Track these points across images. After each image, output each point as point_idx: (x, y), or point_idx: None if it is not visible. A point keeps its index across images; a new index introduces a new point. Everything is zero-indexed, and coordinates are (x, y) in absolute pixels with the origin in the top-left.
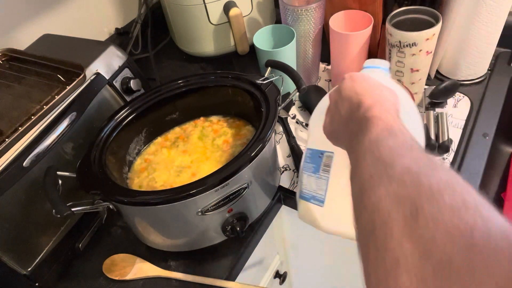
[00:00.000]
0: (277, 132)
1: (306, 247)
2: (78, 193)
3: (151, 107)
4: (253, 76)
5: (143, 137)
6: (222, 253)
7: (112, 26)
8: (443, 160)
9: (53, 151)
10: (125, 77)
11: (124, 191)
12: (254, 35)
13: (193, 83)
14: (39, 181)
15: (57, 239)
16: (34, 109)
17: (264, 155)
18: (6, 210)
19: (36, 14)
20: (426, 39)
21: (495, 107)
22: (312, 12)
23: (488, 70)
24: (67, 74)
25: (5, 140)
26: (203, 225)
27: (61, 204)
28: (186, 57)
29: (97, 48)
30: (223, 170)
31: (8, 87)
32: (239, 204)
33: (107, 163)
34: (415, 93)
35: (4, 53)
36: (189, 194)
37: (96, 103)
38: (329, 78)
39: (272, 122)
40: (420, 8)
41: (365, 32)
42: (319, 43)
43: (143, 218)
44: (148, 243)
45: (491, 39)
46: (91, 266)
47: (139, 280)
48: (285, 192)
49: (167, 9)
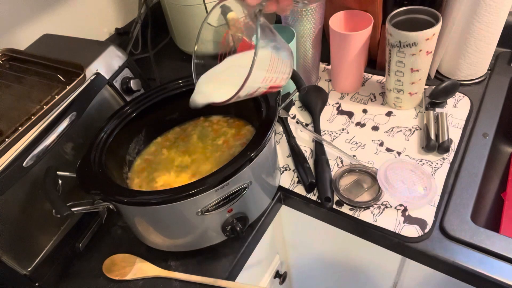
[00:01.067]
0: (277, 132)
1: (306, 247)
2: (78, 193)
3: (151, 107)
4: None
5: (143, 137)
6: (222, 253)
7: (112, 26)
8: (443, 160)
9: (53, 151)
10: (125, 77)
11: (124, 191)
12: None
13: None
14: (39, 181)
15: (57, 239)
16: (34, 109)
17: (264, 155)
18: (6, 210)
19: (36, 14)
20: (426, 39)
21: (495, 107)
22: (312, 12)
23: (488, 70)
24: (67, 74)
25: (5, 140)
26: (203, 225)
27: (61, 204)
28: (186, 57)
29: (97, 48)
30: (223, 170)
31: (8, 87)
32: (239, 204)
33: (107, 163)
34: (415, 93)
35: (4, 53)
36: (189, 194)
37: (96, 103)
38: (329, 78)
39: (272, 122)
40: (420, 8)
41: (365, 32)
42: (319, 43)
43: (143, 218)
44: (148, 243)
45: (491, 39)
46: (91, 266)
47: (139, 280)
48: (285, 192)
49: (167, 9)
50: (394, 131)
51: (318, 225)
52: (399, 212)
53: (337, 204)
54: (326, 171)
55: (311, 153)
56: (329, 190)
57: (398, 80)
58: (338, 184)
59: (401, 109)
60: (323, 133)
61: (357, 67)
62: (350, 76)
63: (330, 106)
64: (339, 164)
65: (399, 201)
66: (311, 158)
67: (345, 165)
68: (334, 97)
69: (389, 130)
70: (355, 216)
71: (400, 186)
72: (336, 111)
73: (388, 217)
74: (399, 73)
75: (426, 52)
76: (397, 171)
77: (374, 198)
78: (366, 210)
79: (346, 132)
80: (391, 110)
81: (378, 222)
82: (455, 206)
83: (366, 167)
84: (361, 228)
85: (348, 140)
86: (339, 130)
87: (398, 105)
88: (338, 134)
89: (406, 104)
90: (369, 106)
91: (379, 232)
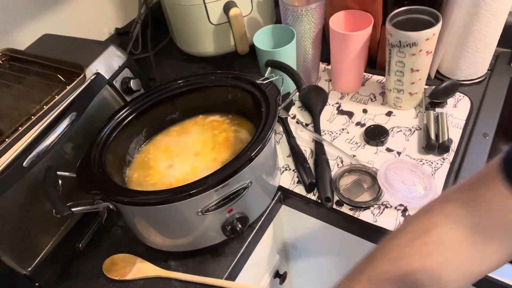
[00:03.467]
0: (277, 132)
1: (306, 247)
2: (78, 193)
3: (151, 107)
4: (253, 76)
5: (143, 137)
6: (222, 253)
7: (112, 26)
8: (443, 160)
9: (53, 151)
10: (125, 77)
11: (124, 191)
12: (254, 35)
13: (193, 83)
14: (39, 181)
15: (57, 239)
16: (34, 109)
17: (264, 155)
18: (6, 210)
19: (36, 14)
20: (426, 39)
21: (495, 107)
22: (312, 12)
23: (488, 70)
24: (67, 74)
25: (5, 140)
26: (203, 225)
27: (61, 204)
28: (186, 57)
29: (97, 48)
30: (223, 170)
31: (8, 87)
32: (239, 204)
33: (107, 163)
34: (415, 93)
35: (4, 53)
36: (189, 194)
37: (96, 103)
38: (329, 78)
39: (272, 122)
40: (420, 8)
41: (365, 32)
42: (319, 43)
43: (143, 218)
44: (148, 243)
45: (491, 39)
46: (91, 266)
47: (139, 280)
48: (285, 192)
49: (167, 9)
50: (394, 131)
51: (318, 225)
52: (399, 212)
53: (337, 204)
54: (326, 171)
55: (311, 153)
56: (329, 190)
57: (398, 80)
58: (338, 184)
59: (401, 109)
60: (323, 133)
61: (357, 67)
62: (350, 76)
63: (330, 106)
64: (339, 164)
65: (399, 201)
66: (311, 158)
67: (345, 165)
68: (334, 97)
69: (389, 130)
70: (355, 216)
71: (400, 186)
72: (336, 111)
73: (388, 217)
74: (399, 73)
75: (426, 52)
76: (397, 171)
77: (374, 198)
78: (366, 210)
79: (346, 132)
80: (391, 110)
81: (378, 222)
82: None
83: (366, 167)
84: (361, 228)
85: (348, 140)
86: (339, 130)
87: (398, 105)
88: (338, 134)
89: (406, 104)
90: (369, 106)
91: (379, 232)
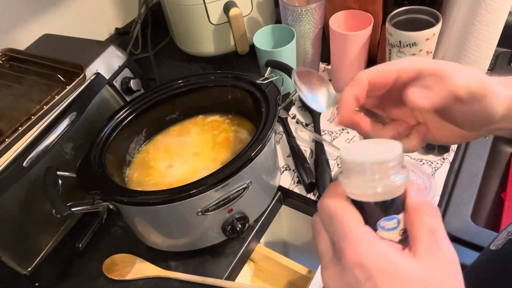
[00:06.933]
0: (277, 132)
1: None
2: (78, 193)
3: (151, 107)
4: (253, 76)
5: (143, 137)
6: (222, 253)
7: (112, 26)
8: (443, 160)
9: (53, 151)
10: (125, 77)
11: (124, 191)
12: (254, 35)
13: (193, 83)
14: (39, 181)
15: (57, 239)
16: (34, 109)
17: (264, 155)
18: (6, 210)
19: (36, 14)
20: (426, 39)
21: None
22: (312, 12)
23: (488, 70)
24: (67, 74)
25: (5, 140)
26: (203, 225)
27: (61, 204)
28: (186, 57)
29: (97, 48)
30: (223, 170)
31: (8, 87)
32: (239, 204)
33: (107, 163)
34: None
35: (4, 53)
36: (189, 194)
37: (96, 103)
38: (329, 78)
39: (272, 122)
40: (420, 8)
41: (365, 32)
42: (319, 43)
43: (143, 218)
44: (148, 243)
45: (491, 39)
46: (91, 266)
47: (139, 280)
48: (285, 192)
49: (167, 9)
50: None
51: None
52: None
53: None
54: (326, 171)
55: (311, 153)
56: None
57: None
58: None
59: None
60: (323, 133)
61: (357, 67)
62: (350, 76)
63: None
64: (339, 164)
65: None
66: (311, 158)
67: None
68: None
69: None
70: None
71: None
72: (336, 111)
73: None
74: None
75: (426, 52)
76: None
77: None
78: None
79: (346, 132)
80: None
81: None
82: (455, 206)
83: None
84: None
85: (348, 140)
86: (339, 130)
87: None
88: (338, 134)
89: None
90: None
91: None
